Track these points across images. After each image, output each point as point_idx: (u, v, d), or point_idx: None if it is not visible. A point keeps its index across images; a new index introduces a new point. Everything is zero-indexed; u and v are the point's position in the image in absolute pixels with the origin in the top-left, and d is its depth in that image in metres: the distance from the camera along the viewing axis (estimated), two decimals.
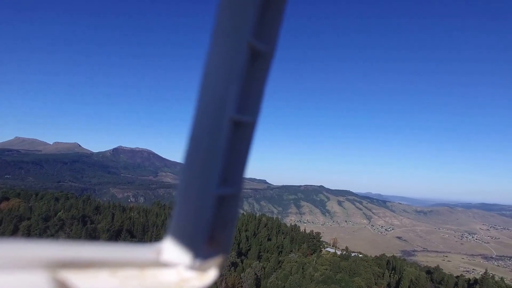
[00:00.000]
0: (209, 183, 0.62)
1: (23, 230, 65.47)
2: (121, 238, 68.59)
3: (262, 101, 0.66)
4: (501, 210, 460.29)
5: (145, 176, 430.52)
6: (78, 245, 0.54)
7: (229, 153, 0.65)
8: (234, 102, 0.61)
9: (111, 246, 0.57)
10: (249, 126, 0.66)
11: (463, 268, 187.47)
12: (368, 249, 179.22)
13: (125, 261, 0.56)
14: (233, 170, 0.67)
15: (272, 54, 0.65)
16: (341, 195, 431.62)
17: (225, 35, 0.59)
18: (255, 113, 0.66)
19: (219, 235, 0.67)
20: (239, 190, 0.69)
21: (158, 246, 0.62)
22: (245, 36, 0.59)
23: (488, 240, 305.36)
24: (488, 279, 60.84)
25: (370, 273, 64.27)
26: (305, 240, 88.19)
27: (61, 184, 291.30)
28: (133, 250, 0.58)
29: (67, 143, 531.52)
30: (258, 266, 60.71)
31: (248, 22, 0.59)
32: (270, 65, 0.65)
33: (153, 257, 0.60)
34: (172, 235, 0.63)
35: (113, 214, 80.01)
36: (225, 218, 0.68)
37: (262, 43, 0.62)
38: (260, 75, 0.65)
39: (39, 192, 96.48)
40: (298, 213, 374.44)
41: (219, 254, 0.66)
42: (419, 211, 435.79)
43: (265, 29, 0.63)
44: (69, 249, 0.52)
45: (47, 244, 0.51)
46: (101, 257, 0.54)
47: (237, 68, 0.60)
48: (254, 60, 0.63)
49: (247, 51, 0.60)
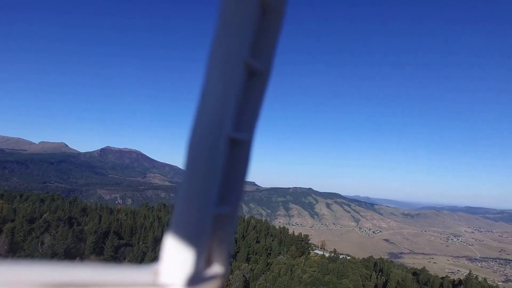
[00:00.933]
0: (207, 202, 0.61)
1: (7, 232, 63.85)
2: (109, 240, 67.67)
3: (258, 119, 0.66)
4: (485, 213, 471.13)
5: (133, 177, 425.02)
6: (73, 267, 0.53)
7: (227, 171, 0.64)
8: (231, 120, 0.61)
9: (107, 268, 0.56)
10: (246, 144, 0.66)
11: (448, 269, 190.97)
12: (356, 252, 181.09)
13: (121, 283, 0.55)
14: (230, 188, 0.66)
15: (269, 73, 0.65)
16: (330, 197, 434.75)
17: (222, 54, 0.59)
18: (252, 131, 0.66)
19: (217, 255, 0.66)
20: (237, 209, 0.69)
21: (155, 268, 0.60)
22: (242, 55, 0.59)
23: (472, 242, 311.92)
24: (472, 280, 62.17)
25: (358, 275, 64.94)
26: (293, 243, 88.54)
27: (47, 185, 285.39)
28: (130, 272, 0.57)
29: (53, 143, 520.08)
30: (247, 268, 60.73)
31: (245, 41, 0.59)
32: (266, 83, 0.65)
33: (150, 279, 0.58)
34: (169, 255, 0.61)
35: (100, 216, 78.81)
36: (223, 237, 0.67)
37: (258, 61, 0.63)
38: (256, 93, 0.65)
39: (24, 193, 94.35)
40: (286, 216, 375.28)
41: (218, 274, 0.66)
42: (406, 214, 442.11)
43: (262, 48, 0.63)
44: (64, 271, 0.51)
45: (41, 265, 0.50)
46: (97, 279, 0.53)
47: (234, 87, 0.60)
48: (250, 78, 0.64)
49: (244, 70, 0.61)
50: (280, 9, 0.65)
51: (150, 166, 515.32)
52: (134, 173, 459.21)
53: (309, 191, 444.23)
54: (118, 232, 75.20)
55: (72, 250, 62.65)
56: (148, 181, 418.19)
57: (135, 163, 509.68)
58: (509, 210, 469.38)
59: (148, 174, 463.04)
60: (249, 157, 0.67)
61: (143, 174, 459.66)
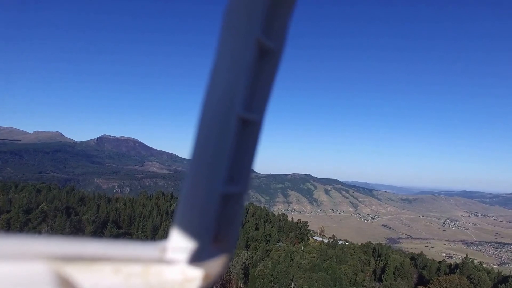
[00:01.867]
0: (215, 181, 0.61)
1: (3, 223, 63.27)
2: (107, 230, 67.33)
3: (269, 100, 0.66)
4: (481, 197, 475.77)
5: (131, 166, 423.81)
6: (81, 240, 0.54)
7: (236, 151, 0.64)
8: (242, 100, 0.61)
9: (115, 243, 0.56)
10: (256, 124, 0.65)
11: (445, 253, 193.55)
12: (355, 237, 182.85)
13: (129, 258, 0.56)
14: (239, 168, 0.66)
15: (281, 52, 0.64)
16: (328, 183, 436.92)
17: (234, 32, 0.58)
18: (262, 112, 0.66)
19: (224, 234, 0.66)
20: (245, 189, 0.68)
21: (162, 244, 0.61)
22: (254, 33, 0.58)
23: (468, 227, 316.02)
24: (468, 264, 62.52)
25: (357, 260, 65.24)
26: (292, 229, 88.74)
27: (43, 175, 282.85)
28: (137, 247, 0.58)
29: (48, 132, 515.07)
30: (246, 255, 60.71)
31: (257, 19, 0.58)
32: (278, 62, 0.64)
33: (157, 254, 0.59)
34: (177, 233, 0.61)
35: (98, 205, 78.27)
36: (231, 217, 0.67)
37: (270, 40, 0.62)
38: (268, 73, 0.64)
39: (19, 183, 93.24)
40: (285, 202, 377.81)
41: (224, 253, 0.66)
42: (404, 199, 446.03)
43: (274, 26, 0.62)
44: (72, 244, 0.52)
45: (50, 238, 0.51)
46: (104, 253, 0.54)
47: (246, 65, 0.59)
48: (262, 57, 0.62)
49: (256, 48, 0.60)
50: None
51: (148, 154, 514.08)
52: (132, 161, 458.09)
53: (307, 177, 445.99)
54: (117, 221, 74.84)
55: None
56: (146, 169, 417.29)
57: (133, 152, 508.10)
58: (504, 194, 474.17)
59: (146, 163, 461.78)
60: (259, 138, 0.66)
61: (140, 163, 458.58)
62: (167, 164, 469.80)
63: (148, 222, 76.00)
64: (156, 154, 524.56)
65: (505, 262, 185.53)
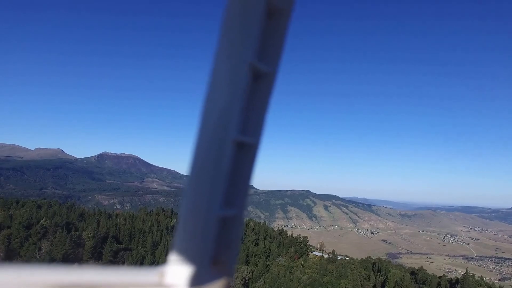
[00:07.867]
0: (213, 205, 0.61)
1: (3, 239, 63.54)
2: (107, 245, 67.57)
3: (264, 123, 0.66)
4: (480, 212, 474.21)
5: (131, 183, 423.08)
6: (80, 269, 0.53)
7: (232, 174, 0.64)
8: (237, 123, 0.61)
9: (114, 270, 0.56)
10: (252, 147, 0.66)
11: (445, 268, 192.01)
12: (354, 252, 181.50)
13: (128, 284, 0.55)
14: (236, 191, 0.66)
15: (275, 75, 0.64)
16: (328, 199, 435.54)
17: (227, 56, 0.59)
18: (258, 134, 0.66)
19: (223, 257, 0.66)
20: (242, 211, 0.69)
21: (161, 269, 0.61)
22: (248, 57, 0.59)
23: (468, 241, 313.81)
24: (469, 279, 62.79)
25: (357, 275, 65.33)
26: (292, 244, 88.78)
27: (44, 191, 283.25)
28: (136, 273, 0.58)
29: (49, 149, 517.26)
30: (246, 270, 60.94)
31: (251, 43, 0.59)
32: (273, 86, 0.65)
33: (156, 280, 0.59)
34: (176, 257, 0.62)
35: (99, 221, 78.68)
36: (229, 239, 0.68)
37: (264, 64, 0.62)
38: (263, 96, 0.64)
39: (20, 199, 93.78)
40: (285, 218, 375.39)
41: (223, 276, 0.66)
42: (404, 214, 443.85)
43: (268, 50, 0.63)
44: (70, 273, 0.52)
45: (49, 268, 0.51)
46: (103, 281, 0.53)
47: (240, 90, 0.60)
48: (256, 81, 0.63)
49: (250, 72, 0.61)
50: (287, 11, 0.65)
51: (148, 171, 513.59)
52: (132, 178, 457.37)
53: (307, 193, 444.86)
54: (117, 237, 75.10)
55: (71, 255, 62.51)
56: (146, 186, 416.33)
57: (133, 168, 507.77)
58: (504, 209, 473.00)
59: (146, 179, 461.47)
60: (255, 160, 0.67)
61: (141, 179, 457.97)
62: (167, 181, 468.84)
63: (148, 237, 76.28)
64: (156, 171, 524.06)
65: (507, 278, 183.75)
